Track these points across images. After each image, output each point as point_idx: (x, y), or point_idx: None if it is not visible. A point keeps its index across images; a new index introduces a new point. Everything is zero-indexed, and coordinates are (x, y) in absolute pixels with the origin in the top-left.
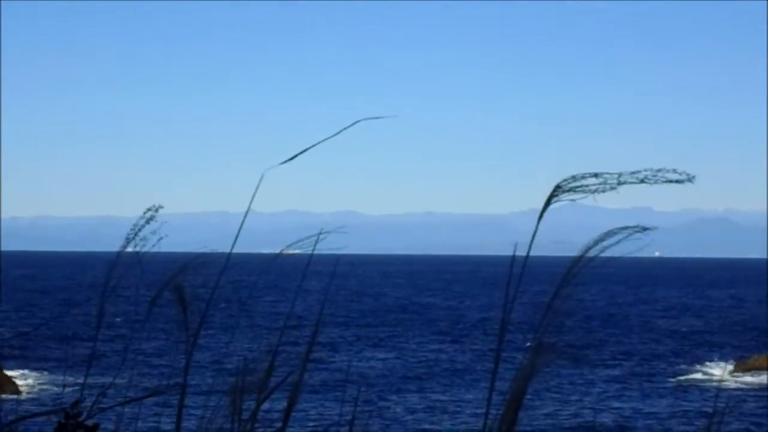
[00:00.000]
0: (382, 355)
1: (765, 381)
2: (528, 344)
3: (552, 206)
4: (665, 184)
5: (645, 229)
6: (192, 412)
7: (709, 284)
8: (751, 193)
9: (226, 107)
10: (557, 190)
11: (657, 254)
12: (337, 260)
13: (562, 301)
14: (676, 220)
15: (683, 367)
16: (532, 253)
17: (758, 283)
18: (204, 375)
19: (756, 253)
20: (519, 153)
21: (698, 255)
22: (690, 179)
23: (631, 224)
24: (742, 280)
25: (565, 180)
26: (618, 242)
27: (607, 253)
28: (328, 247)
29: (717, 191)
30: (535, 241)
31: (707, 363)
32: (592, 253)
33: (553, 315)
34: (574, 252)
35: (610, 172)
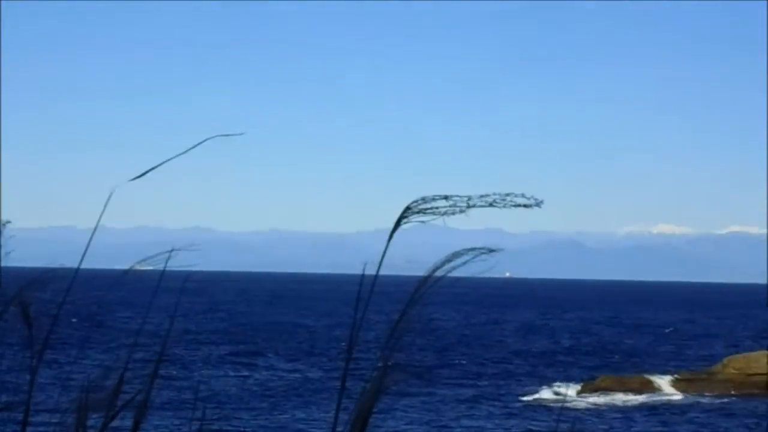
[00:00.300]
0: (234, 373)
1: (610, 401)
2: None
3: (403, 226)
4: (514, 208)
5: (491, 250)
6: (37, 429)
7: (559, 305)
8: (601, 216)
9: (78, 121)
10: (407, 212)
11: (508, 275)
12: (188, 277)
13: (410, 320)
14: (527, 242)
15: (533, 387)
16: (384, 273)
17: (606, 304)
18: (50, 392)
19: (606, 274)
20: (368, 173)
21: (548, 276)
22: (538, 204)
23: (482, 245)
24: (593, 302)
25: (415, 202)
26: (465, 263)
27: (459, 273)
28: (180, 263)
29: (568, 214)
30: (388, 260)
31: (556, 383)
32: (439, 273)
33: (401, 334)
34: (424, 271)
35: (459, 195)
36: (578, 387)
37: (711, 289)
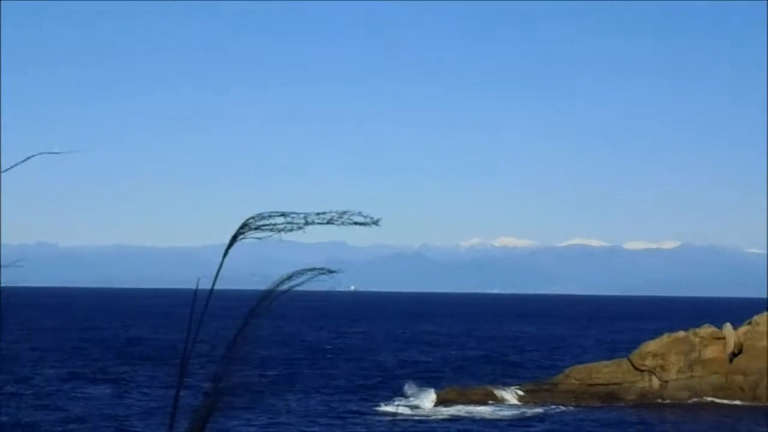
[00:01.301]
0: (91, 389)
1: (454, 412)
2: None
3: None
4: (351, 227)
5: (331, 271)
6: None
7: (407, 317)
8: (444, 229)
9: None
10: (244, 228)
11: (353, 288)
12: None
13: (249, 335)
14: (372, 255)
15: (387, 399)
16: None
17: (457, 316)
18: None
19: (450, 287)
20: (209, 186)
21: (393, 289)
22: (375, 222)
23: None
24: (442, 314)
25: (252, 218)
26: (304, 282)
27: (307, 287)
28: (11, 279)
29: (412, 227)
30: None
31: (411, 395)
32: (282, 288)
33: (238, 349)
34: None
35: (297, 212)
36: (424, 399)
37: (555, 301)
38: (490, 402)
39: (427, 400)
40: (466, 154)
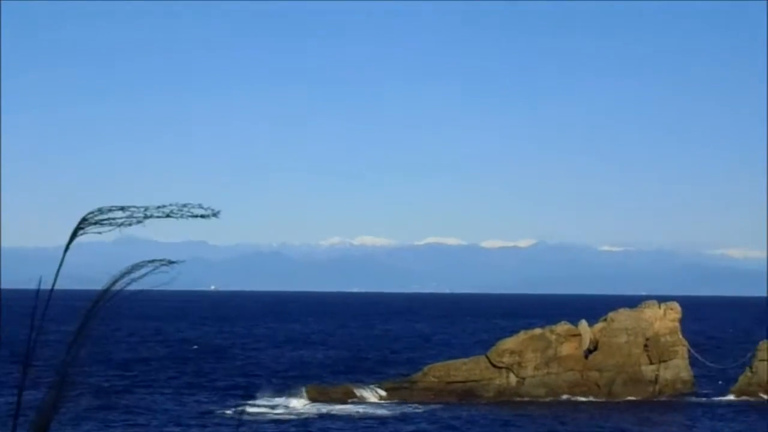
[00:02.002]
0: None
1: (313, 411)
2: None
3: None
4: (191, 219)
5: (171, 262)
6: None
7: (270, 316)
8: (304, 228)
9: None
10: (83, 223)
11: (213, 287)
12: None
13: (89, 334)
14: (232, 254)
15: (248, 398)
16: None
17: (318, 315)
18: None
19: (309, 286)
20: (47, 183)
21: (253, 288)
22: (215, 214)
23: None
24: (305, 313)
25: (91, 213)
26: (144, 275)
27: (168, 287)
28: None
29: (272, 226)
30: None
31: (271, 395)
32: (119, 286)
33: (78, 348)
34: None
35: (137, 205)
36: (284, 399)
37: (415, 299)
38: (351, 401)
39: (286, 400)
40: (325, 153)
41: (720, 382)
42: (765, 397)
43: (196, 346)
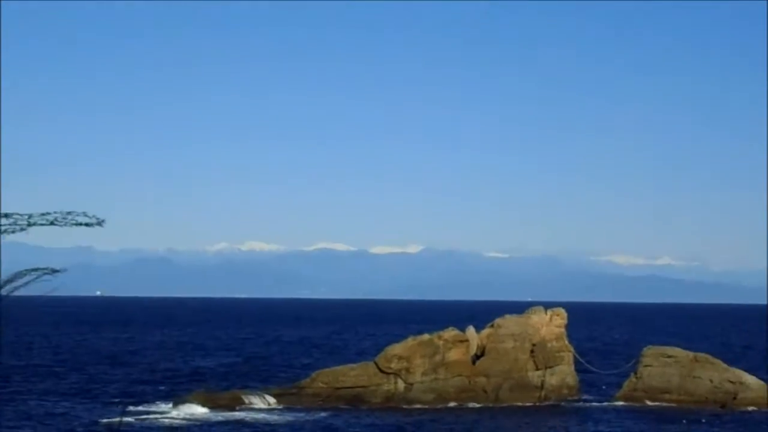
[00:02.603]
0: None
1: (224, 417)
2: None
3: None
4: (75, 227)
5: (55, 271)
6: None
7: (159, 322)
8: (191, 233)
9: None
10: None
11: (98, 293)
12: None
13: None
14: (118, 259)
15: (134, 404)
16: None
17: (208, 322)
18: None
19: (197, 292)
20: None
21: (139, 294)
22: (99, 223)
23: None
24: (194, 320)
25: None
26: (26, 283)
27: (56, 293)
28: None
29: (159, 231)
30: None
31: (175, 402)
32: (2, 293)
33: None
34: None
35: (20, 213)
36: (171, 406)
37: (305, 305)
38: (239, 407)
39: (174, 407)
40: (212, 159)
41: (605, 388)
42: (649, 403)
43: (81, 353)
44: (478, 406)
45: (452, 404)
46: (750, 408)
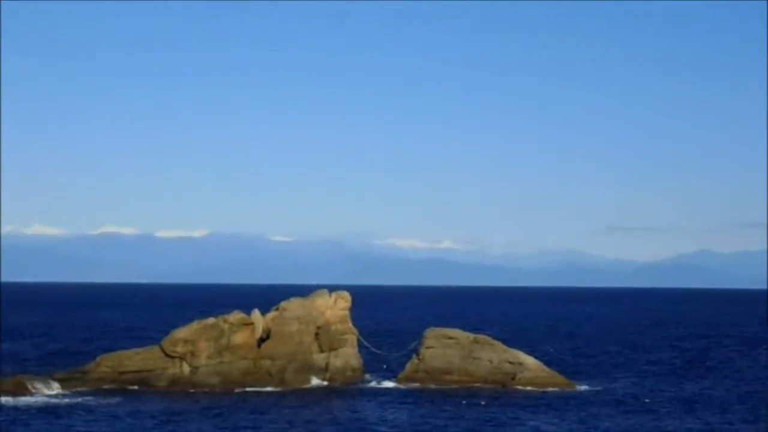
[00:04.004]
0: None
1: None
2: None
3: None
4: None
5: None
6: None
7: None
8: None
9: None
10: None
11: None
12: None
13: None
14: None
15: None
16: None
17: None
18: None
19: None
20: None
21: None
22: None
23: None
24: None
25: None
26: None
27: None
28: None
29: None
30: None
31: None
32: None
33: None
34: None
35: None
36: None
37: (92, 289)
38: (22, 393)
39: None
40: (24, 140)
41: (388, 370)
42: (431, 384)
43: None
44: (264, 389)
45: (238, 388)
46: (528, 387)
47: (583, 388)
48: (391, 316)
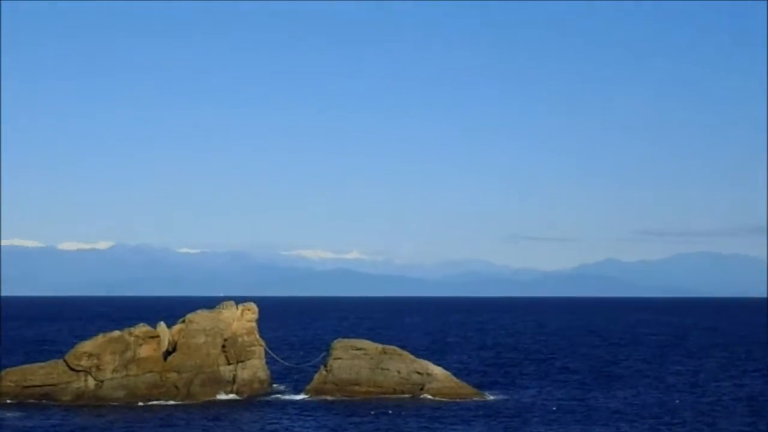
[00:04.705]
0: None
1: None
2: None
3: None
4: None
5: None
6: None
7: None
8: None
9: None
10: None
11: None
12: None
13: None
14: None
15: None
16: None
17: None
18: None
19: None
20: None
21: None
22: None
23: None
24: None
25: None
26: None
27: None
28: None
29: None
30: None
31: None
32: None
33: None
34: None
35: None
36: None
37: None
38: None
39: None
40: None
41: (296, 381)
42: (339, 395)
43: None
44: (170, 403)
45: (143, 401)
46: (437, 398)
47: (492, 398)
48: (299, 327)
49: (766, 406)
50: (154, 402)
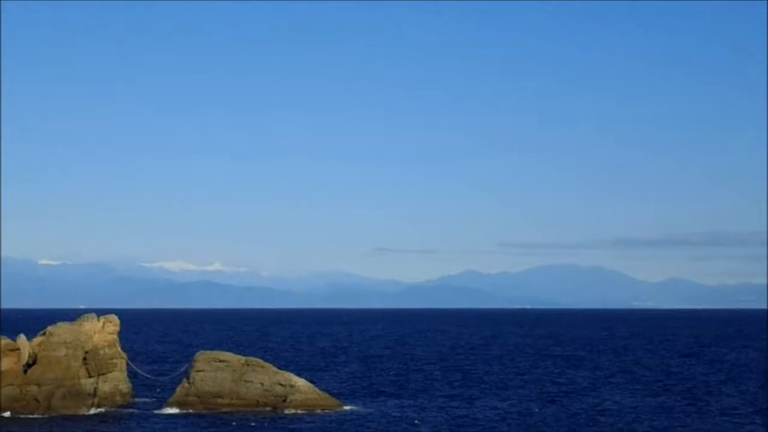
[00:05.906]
0: None
1: None
2: None
3: None
4: None
5: None
6: None
7: None
8: None
9: None
10: None
11: None
12: None
13: None
14: None
15: None
16: None
17: None
18: None
19: None
20: None
21: None
22: None
23: None
24: None
25: None
26: None
27: None
28: None
29: None
30: None
31: None
32: None
33: None
34: None
35: None
36: None
37: None
38: None
39: None
40: None
41: (159, 394)
42: (202, 408)
43: None
44: (31, 416)
45: (5, 415)
46: (299, 410)
47: (353, 408)
48: (161, 339)
49: None
50: (15, 416)
